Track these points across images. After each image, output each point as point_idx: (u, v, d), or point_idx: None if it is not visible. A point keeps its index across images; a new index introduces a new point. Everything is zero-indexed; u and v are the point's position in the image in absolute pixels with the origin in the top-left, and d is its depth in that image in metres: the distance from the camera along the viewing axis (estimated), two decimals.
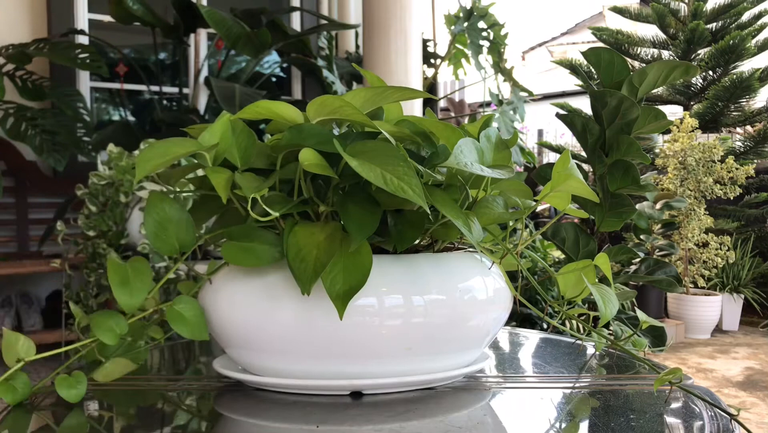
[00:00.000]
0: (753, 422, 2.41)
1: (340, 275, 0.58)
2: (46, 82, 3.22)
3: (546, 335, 0.99)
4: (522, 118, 3.61)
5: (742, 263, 4.14)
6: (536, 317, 2.37)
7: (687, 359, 3.37)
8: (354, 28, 3.68)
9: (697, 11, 4.63)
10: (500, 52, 3.57)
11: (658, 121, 0.78)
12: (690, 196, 3.82)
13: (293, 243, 0.59)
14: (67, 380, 0.62)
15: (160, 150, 0.60)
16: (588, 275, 0.70)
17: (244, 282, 0.64)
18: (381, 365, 0.62)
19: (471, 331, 0.66)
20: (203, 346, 0.93)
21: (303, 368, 0.63)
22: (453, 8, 3.86)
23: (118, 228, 2.36)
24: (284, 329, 0.61)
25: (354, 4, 4.12)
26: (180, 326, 0.64)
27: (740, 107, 4.61)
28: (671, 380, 0.63)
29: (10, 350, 0.61)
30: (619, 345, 0.74)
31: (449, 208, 0.59)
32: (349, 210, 0.59)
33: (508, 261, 0.71)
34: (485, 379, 0.73)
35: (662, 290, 2.98)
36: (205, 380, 0.75)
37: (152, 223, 0.64)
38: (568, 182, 0.64)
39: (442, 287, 0.63)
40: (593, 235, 0.98)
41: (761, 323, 4.14)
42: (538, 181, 0.87)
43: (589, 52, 0.78)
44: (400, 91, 0.63)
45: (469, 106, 4.89)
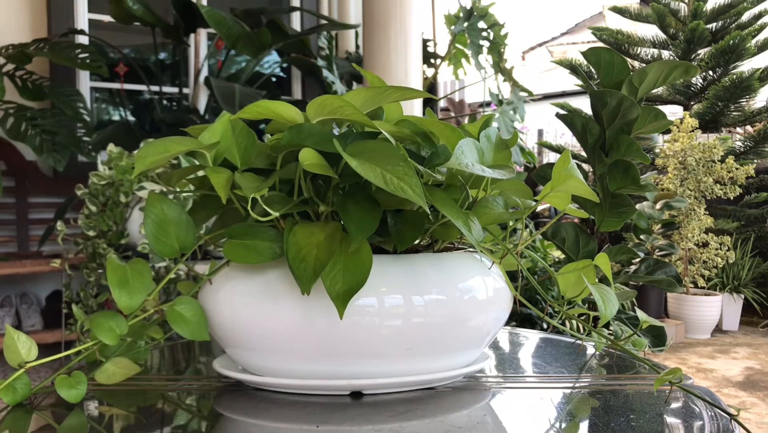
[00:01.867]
0: (753, 422, 2.41)
1: (340, 275, 0.58)
2: (46, 82, 3.22)
3: (546, 335, 0.99)
4: (522, 118, 3.61)
5: (742, 263, 4.14)
6: (536, 317, 2.37)
7: (687, 359, 3.37)
8: (354, 28, 3.68)
9: (697, 11, 4.63)
10: (500, 52, 3.57)
11: (658, 121, 0.78)
12: (690, 196, 3.82)
13: (293, 243, 0.59)
14: (67, 380, 0.62)
15: (159, 147, 0.60)
16: (588, 275, 0.70)
17: (244, 282, 0.64)
18: (381, 365, 0.62)
19: (471, 331, 0.66)
20: (203, 346, 0.93)
21: (303, 368, 0.63)
22: (453, 8, 3.86)
23: (118, 228, 2.36)
24: (284, 329, 0.61)
25: (354, 4, 4.12)
26: (180, 326, 0.64)
27: (740, 107, 4.61)
28: (671, 380, 0.63)
29: (12, 350, 0.61)
30: (619, 345, 0.74)
31: (449, 208, 0.59)
32: (349, 210, 0.59)
33: (508, 261, 0.71)
34: (485, 379, 0.73)
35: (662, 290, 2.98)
36: (205, 380, 0.75)
37: (151, 224, 0.64)
38: (568, 182, 0.64)
39: (442, 287, 0.63)
40: (593, 235, 0.98)
41: (761, 323, 4.14)
42: (538, 181, 0.87)
43: (589, 52, 0.78)
44: (400, 90, 0.63)
45: (469, 106, 4.89)
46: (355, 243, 0.57)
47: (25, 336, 0.62)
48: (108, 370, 0.66)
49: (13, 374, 0.61)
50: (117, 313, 0.64)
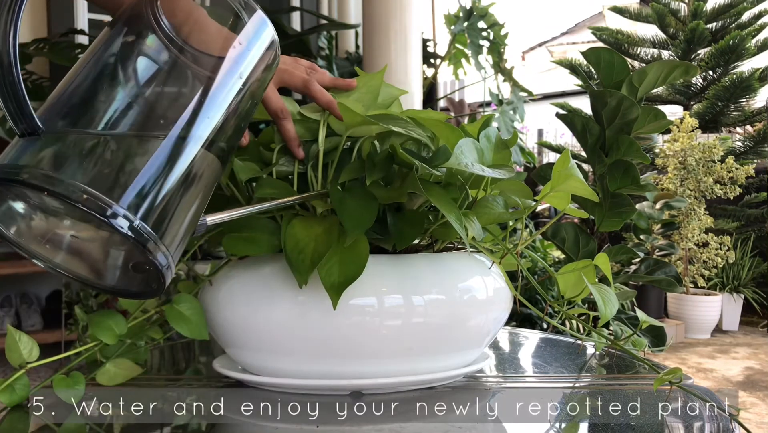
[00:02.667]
0: (753, 422, 2.41)
1: (336, 267, 0.58)
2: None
3: (546, 335, 0.99)
4: (522, 118, 3.61)
5: (742, 263, 4.14)
6: (536, 317, 2.38)
7: (687, 359, 3.37)
8: (354, 28, 3.67)
9: (697, 11, 4.63)
10: (500, 52, 3.56)
11: (658, 121, 0.78)
12: (690, 196, 3.82)
13: (291, 235, 0.59)
14: (65, 380, 0.62)
15: None
16: (588, 274, 0.70)
17: (244, 282, 0.64)
18: (381, 365, 0.62)
19: (471, 331, 0.66)
20: (203, 346, 0.93)
21: (303, 368, 0.63)
22: (453, 8, 3.86)
23: None
24: (284, 329, 0.61)
25: (354, 4, 4.11)
26: (180, 325, 0.64)
27: (740, 107, 4.61)
28: (671, 379, 0.63)
29: (13, 350, 0.61)
30: (619, 345, 0.74)
31: (443, 202, 0.59)
32: (346, 204, 0.59)
33: (508, 261, 0.71)
34: (485, 379, 0.73)
35: (662, 290, 2.97)
36: (205, 380, 0.75)
37: None
38: (568, 182, 0.64)
39: (442, 287, 0.63)
40: (593, 235, 0.98)
41: (761, 323, 4.14)
42: (538, 181, 0.87)
43: (589, 52, 0.78)
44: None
45: (469, 106, 4.88)
46: (350, 237, 0.57)
47: (27, 336, 0.62)
48: (109, 371, 0.66)
49: (13, 374, 0.61)
50: (116, 312, 0.64)
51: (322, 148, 0.65)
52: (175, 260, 0.44)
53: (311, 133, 0.67)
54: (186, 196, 0.44)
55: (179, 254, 0.45)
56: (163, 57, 0.46)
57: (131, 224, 0.39)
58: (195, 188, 0.45)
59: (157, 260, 0.42)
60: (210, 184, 0.48)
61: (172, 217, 0.42)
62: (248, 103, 0.51)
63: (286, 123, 0.65)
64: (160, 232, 0.41)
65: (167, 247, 0.42)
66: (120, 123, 0.43)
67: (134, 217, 0.39)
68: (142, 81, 0.45)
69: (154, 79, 0.46)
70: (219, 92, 0.47)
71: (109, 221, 0.39)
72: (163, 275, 0.43)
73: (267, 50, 0.51)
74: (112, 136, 0.42)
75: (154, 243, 0.41)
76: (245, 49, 0.49)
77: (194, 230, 0.48)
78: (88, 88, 0.44)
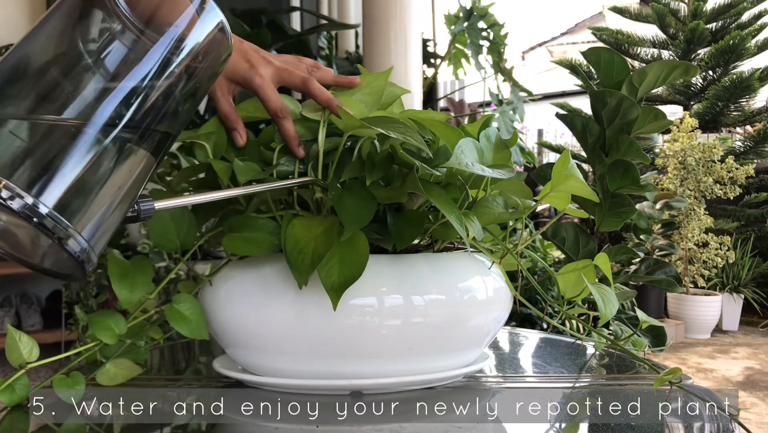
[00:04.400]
0: (753, 422, 2.41)
1: (336, 267, 0.58)
2: None
3: (546, 335, 0.99)
4: (522, 118, 3.60)
5: (742, 263, 4.14)
6: (536, 317, 2.38)
7: (687, 359, 3.37)
8: (354, 28, 3.67)
9: (697, 11, 4.63)
10: (500, 52, 3.56)
11: (658, 121, 0.78)
12: (690, 196, 3.82)
13: (291, 235, 0.60)
14: (65, 380, 0.62)
15: None
16: (588, 275, 0.70)
17: (244, 282, 0.64)
18: (381, 365, 0.62)
19: (471, 331, 0.66)
20: (203, 346, 0.93)
21: (303, 368, 0.63)
22: (453, 8, 3.86)
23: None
24: (284, 329, 0.61)
25: (354, 4, 4.11)
26: (180, 324, 0.64)
27: (740, 107, 4.61)
28: (671, 379, 0.63)
29: (13, 350, 0.61)
30: (619, 345, 0.74)
31: (443, 202, 0.59)
32: (345, 202, 0.59)
33: (508, 261, 0.71)
34: (485, 379, 0.73)
35: (662, 290, 2.97)
36: (205, 380, 0.75)
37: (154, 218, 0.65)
38: (568, 182, 0.64)
39: (442, 287, 0.63)
40: (593, 235, 0.98)
41: (761, 323, 4.14)
42: (538, 181, 0.87)
43: (589, 52, 0.78)
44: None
45: (469, 106, 4.88)
46: (347, 232, 0.57)
47: (27, 336, 0.62)
48: (110, 371, 0.66)
49: (13, 374, 0.61)
50: (116, 312, 0.64)
51: (322, 147, 0.65)
52: (97, 241, 0.43)
53: (312, 132, 0.67)
54: (97, 177, 0.42)
55: (105, 235, 0.44)
56: (75, 30, 0.43)
57: (23, 200, 0.38)
58: (110, 170, 0.43)
59: (69, 245, 0.41)
60: (136, 167, 0.45)
61: (79, 196, 0.41)
62: (183, 86, 0.46)
63: (285, 122, 0.65)
64: (67, 211, 0.40)
65: (75, 225, 0.41)
66: (26, 100, 0.41)
67: (26, 194, 0.38)
68: (55, 54, 0.43)
69: (66, 54, 0.43)
70: (139, 72, 0.43)
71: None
72: (74, 256, 0.41)
73: (211, 32, 0.47)
74: (13, 116, 0.40)
75: (53, 221, 0.39)
76: (175, 27, 0.45)
77: (137, 215, 0.47)
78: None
